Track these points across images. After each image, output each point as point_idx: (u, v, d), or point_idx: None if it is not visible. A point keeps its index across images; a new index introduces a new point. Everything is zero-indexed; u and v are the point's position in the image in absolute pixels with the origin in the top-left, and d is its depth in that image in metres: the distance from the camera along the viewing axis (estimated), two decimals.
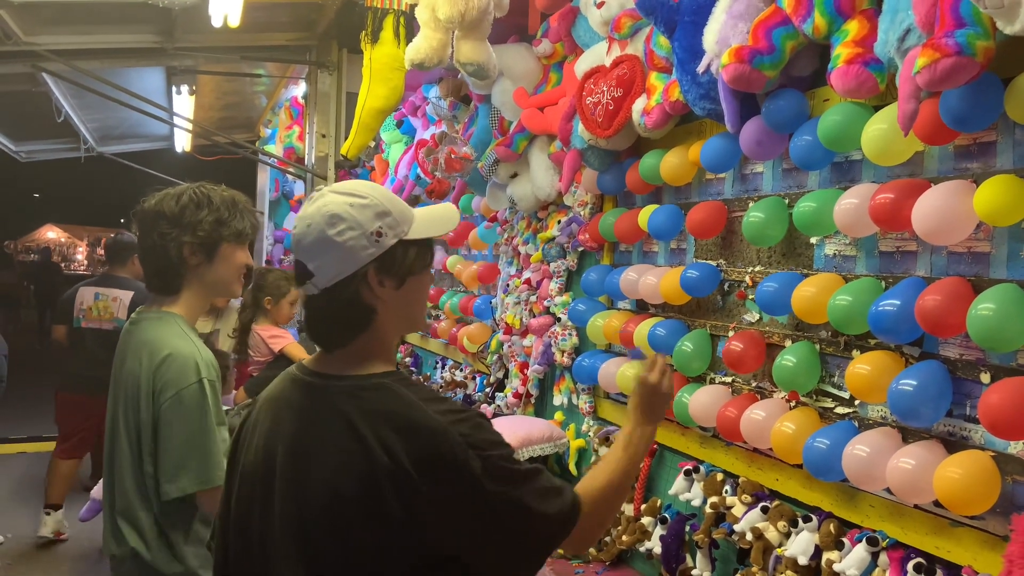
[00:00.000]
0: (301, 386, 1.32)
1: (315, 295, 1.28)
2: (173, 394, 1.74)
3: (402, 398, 1.23)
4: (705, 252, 2.44)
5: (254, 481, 1.30)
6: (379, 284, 1.27)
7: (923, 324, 1.55)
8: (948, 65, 1.36)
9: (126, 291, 4.63)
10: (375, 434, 1.19)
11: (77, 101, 5.08)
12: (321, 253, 1.24)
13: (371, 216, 1.26)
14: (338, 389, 1.27)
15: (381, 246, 1.26)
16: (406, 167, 4.76)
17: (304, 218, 1.27)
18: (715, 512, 2.19)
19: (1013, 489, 1.49)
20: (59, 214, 27.60)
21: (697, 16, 2.12)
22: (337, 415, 1.23)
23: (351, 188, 1.29)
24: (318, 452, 1.23)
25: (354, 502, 1.18)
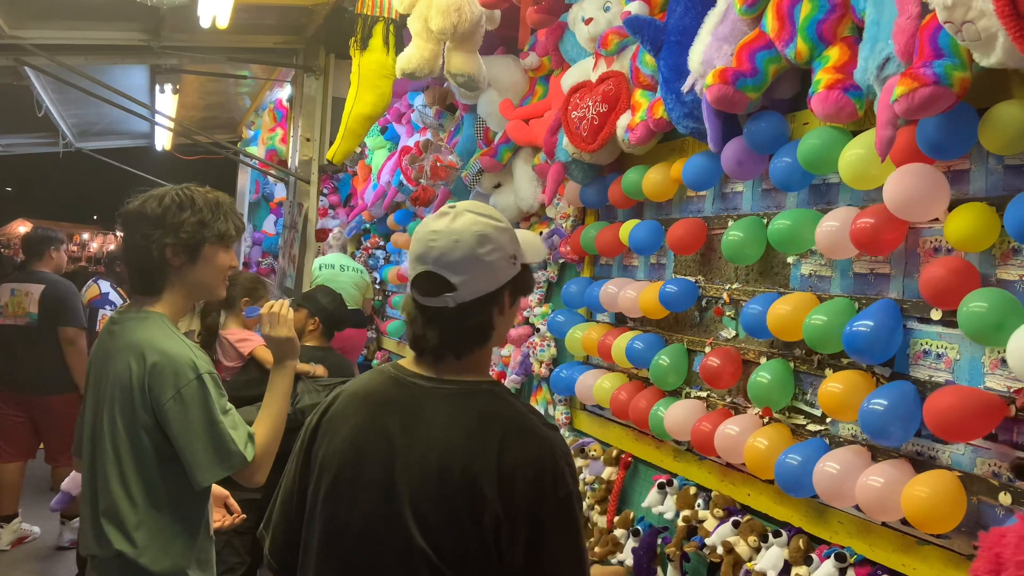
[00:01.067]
0: (406, 385, 1.38)
1: (447, 308, 1.33)
2: (173, 394, 1.75)
3: (512, 405, 1.34)
4: (684, 268, 2.47)
5: (345, 472, 1.34)
6: (507, 303, 1.37)
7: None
8: (925, 94, 1.40)
9: (38, 285, 4.61)
10: (490, 433, 1.28)
11: (58, 96, 5.02)
12: (468, 270, 1.31)
13: (509, 239, 1.36)
14: (450, 392, 1.35)
15: (515, 268, 1.37)
16: (389, 173, 4.77)
17: (449, 233, 1.32)
18: (687, 526, 2.21)
19: (979, 509, 1.53)
20: (32, 209, 27.19)
21: (683, 36, 2.16)
22: (453, 411, 1.31)
23: (487, 210, 1.38)
24: (441, 446, 1.28)
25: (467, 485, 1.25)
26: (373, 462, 1.32)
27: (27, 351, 4.56)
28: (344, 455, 1.35)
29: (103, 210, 26.89)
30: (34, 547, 4.68)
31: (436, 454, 1.28)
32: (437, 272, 1.32)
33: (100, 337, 1.93)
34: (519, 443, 1.27)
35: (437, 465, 1.27)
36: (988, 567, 1.05)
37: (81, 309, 4.76)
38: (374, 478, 1.31)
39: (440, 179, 3.70)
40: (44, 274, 4.69)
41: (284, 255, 4.86)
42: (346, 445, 1.35)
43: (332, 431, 1.39)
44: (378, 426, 1.34)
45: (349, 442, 1.35)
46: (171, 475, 1.79)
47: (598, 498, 2.69)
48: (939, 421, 1.48)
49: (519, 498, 1.24)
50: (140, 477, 1.78)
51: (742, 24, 2.00)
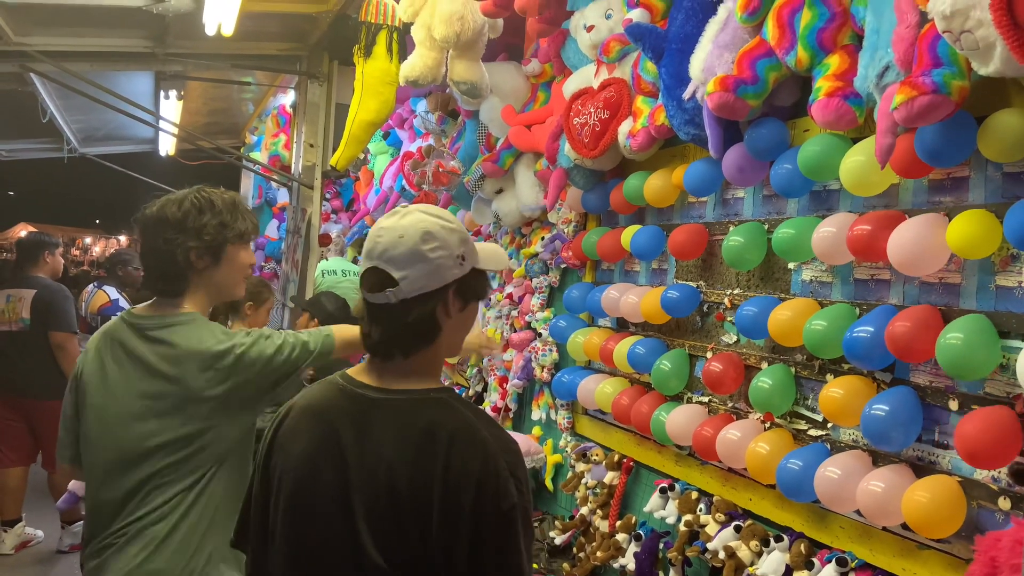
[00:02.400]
0: (355, 397, 1.36)
1: (390, 304, 1.33)
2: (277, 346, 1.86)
3: (460, 414, 1.32)
4: (686, 273, 2.48)
5: (302, 486, 1.34)
6: (453, 304, 1.36)
7: (892, 349, 1.60)
8: (924, 102, 1.41)
9: (30, 290, 4.62)
10: (437, 446, 1.26)
11: (63, 102, 5.05)
12: (411, 264, 1.31)
13: (458, 240, 1.35)
14: (397, 403, 1.33)
15: (463, 269, 1.36)
16: (391, 178, 4.79)
17: (394, 229, 1.33)
18: (689, 530, 2.22)
19: (978, 514, 1.54)
20: (34, 213, 27.23)
21: (684, 44, 2.17)
22: (400, 426, 1.30)
23: (439, 212, 1.39)
24: (390, 460, 1.28)
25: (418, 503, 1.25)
26: (327, 478, 1.31)
27: (21, 356, 4.57)
28: (299, 470, 1.34)
29: (106, 215, 26.95)
30: (37, 551, 4.70)
31: (385, 469, 1.27)
32: (381, 267, 1.33)
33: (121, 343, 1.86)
34: (464, 455, 1.26)
35: (387, 480, 1.27)
36: (984, 571, 1.06)
37: (73, 313, 4.74)
38: (329, 494, 1.30)
39: (442, 184, 3.72)
40: (37, 279, 4.70)
41: (287, 260, 4.87)
42: (301, 462, 1.35)
43: (286, 445, 1.38)
44: (331, 441, 1.33)
45: (303, 458, 1.35)
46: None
47: (600, 502, 2.70)
48: (974, 451, 1.46)
49: (464, 511, 1.23)
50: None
51: (743, 32, 2.01)
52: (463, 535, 1.23)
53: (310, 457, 1.34)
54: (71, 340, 4.66)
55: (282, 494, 1.36)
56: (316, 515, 1.31)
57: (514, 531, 1.25)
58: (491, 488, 1.24)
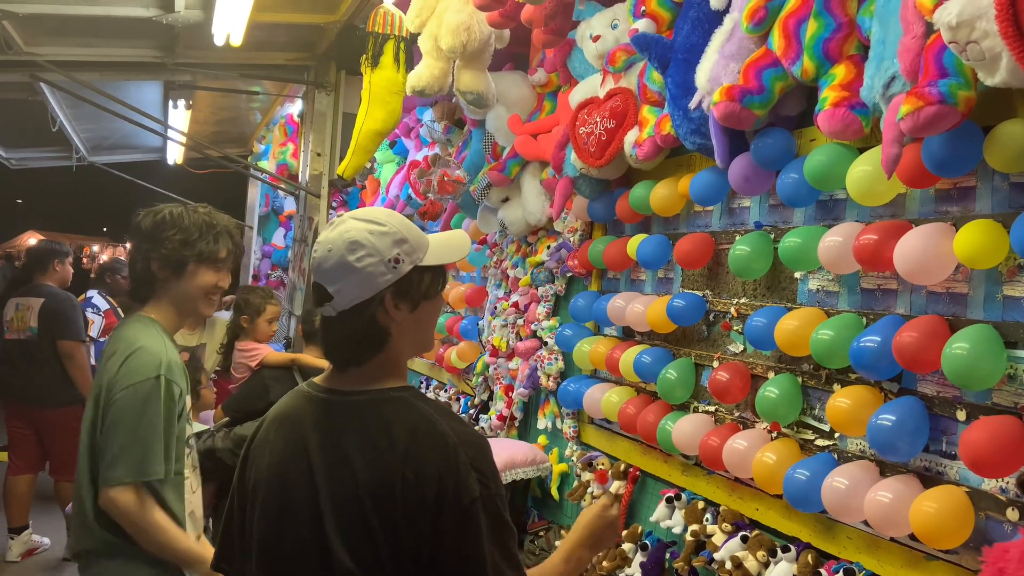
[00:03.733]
0: (317, 402, 1.38)
1: (332, 316, 1.33)
2: (128, 385, 1.83)
3: (419, 410, 1.32)
4: (692, 282, 2.48)
5: (273, 495, 1.34)
6: (395, 308, 1.33)
7: (899, 359, 1.60)
8: (931, 113, 1.42)
9: (38, 298, 4.65)
10: (397, 443, 1.27)
11: (72, 111, 5.09)
12: (341, 277, 1.30)
13: (389, 243, 1.32)
14: (358, 403, 1.34)
15: (398, 272, 1.32)
16: (397, 187, 4.81)
17: (325, 243, 1.33)
18: (695, 540, 2.21)
19: (986, 524, 1.53)
20: (42, 221, 27.39)
21: (690, 54, 2.18)
22: (361, 425, 1.31)
23: (371, 215, 1.35)
24: (353, 460, 1.28)
25: (383, 502, 1.25)
26: (296, 485, 1.32)
27: (29, 365, 4.60)
28: (270, 480, 1.35)
29: (113, 223, 27.07)
30: (44, 558, 4.70)
31: (349, 469, 1.28)
32: (318, 281, 1.33)
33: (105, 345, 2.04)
34: (424, 450, 1.26)
35: (351, 481, 1.27)
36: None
37: (80, 322, 4.77)
38: (299, 500, 1.31)
39: (448, 193, 3.73)
40: (45, 287, 4.72)
41: (294, 268, 4.89)
42: (271, 472, 1.36)
43: (258, 457, 1.40)
44: (297, 447, 1.34)
45: (273, 467, 1.36)
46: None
47: None
48: (978, 459, 1.45)
49: (426, 506, 1.23)
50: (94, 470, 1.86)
51: (749, 42, 2.02)
52: (426, 531, 1.23)
53: (278, 466, 1.35)
54: (79, 349, 4.68)
55: (256, 504, 1.37)
56: (287, 522, 1.32)
57: (476, 526, 1.24)
58: (451, 482, 1.24)
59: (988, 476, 1.50)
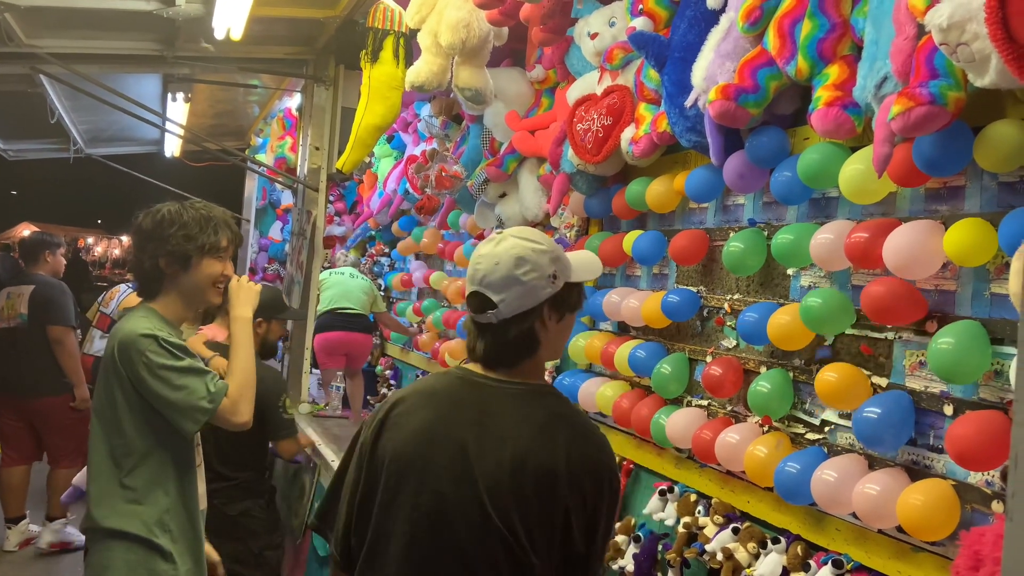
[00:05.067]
0: (472, 384, 1.53)
1: (494, 324, 1.49)
2: (140, 360, 1.94)
3: (573, 408, 1.57)
4: (686, 278, 2.51)
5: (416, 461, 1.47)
6: (549, 319, 1.52)
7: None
8: (921, 113, 1.44)
9: (28, 286, 4.66)
10: (557, 433, 1.46)
11: (71, 103, 5.09)
12: (507, 288, 1.47)
13: (548, 261, 1.50)
14: (517, 391, 1.51)
15: (555, 287, 1.50)
16: (395, 181, 4.83)
17: (491, 256, 1.48)
18: (687, 532, 2.24)
19: (972, 517, 1.56)
20: (37, 212, 27.29)
21: (686, 53, 2.21)
22: (522, 410, 1.47)
23: (530, 235, 1.53)
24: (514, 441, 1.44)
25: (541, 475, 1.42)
26: (444, 450, 1.45)
27: (19, 353, 4.58)
28: (413, 445, 1.48)
29: (108, 215, 27.01)
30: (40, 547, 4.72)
31: (509, 446, 1.43)
32: (482, 292, 1.48)
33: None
34: (584, 444, 1.47)
35: (510, 456, 1.42)
36: (968, 563, 1.09)
37: (71, 308, 4.76)
38: (446, 464, 1.44)
39: (445, 188, 3.75)
40: (36, 275, 4.73)
41: (292, 262, 4.91)
42: (416, 436, 1.48)
43: (399, 426, 1.52)
44: (448, 418, 1.48)
45: (419, 433, 1.48)
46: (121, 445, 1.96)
47: None
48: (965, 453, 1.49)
49: (586, 493, 1.43)
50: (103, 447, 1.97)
51: (744, 41, 2.05)
52: (584, 514, 1.43)
53: (425, 433, 1.48)
54: (69, 334, 4.67)
55: (393, 471, 1.48)
56: (430, 485, 1.45)
57: (617, 503, 1.55)
58: (607, 475, 1.49)
59: (973, 469, 1.54)
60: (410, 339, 4.97)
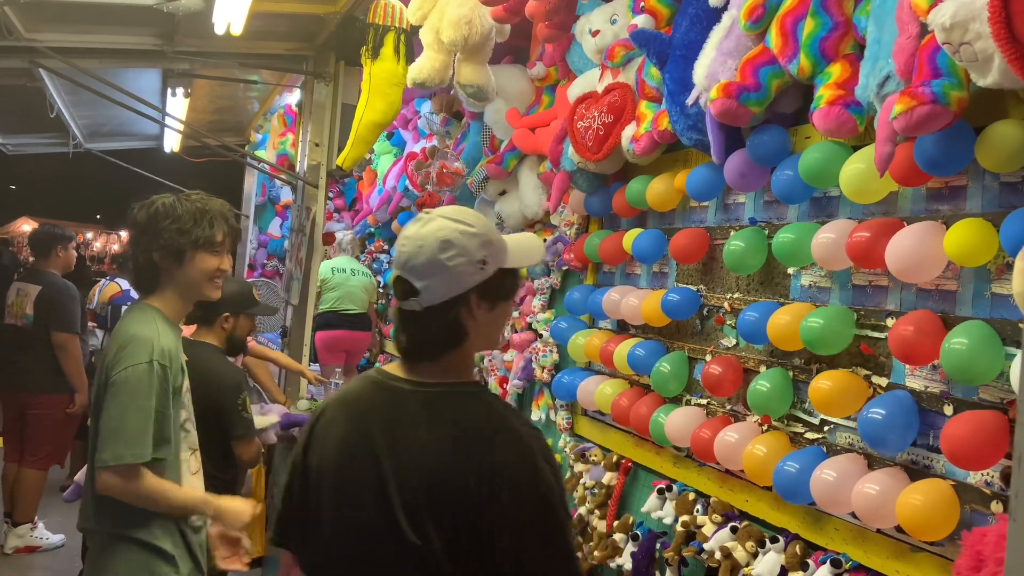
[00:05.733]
0: (386, 390, 1.41)
1: (415, 311, 1.36)
2: (122, 369, 1.87)
3: (491, 405, 1.39)
4: (686, 277, 2.51)
5: (338, 478, 1.39)
6: (477, 307, 1.37)
7: (895, 352, 1.63)
8: (923, 112, 1.44)
9: (36, 286, 4.61)
10: (472, 436, 1.32)
11: (71, 98, 5.08)
12: (431, 274, 1.34)
13: (478, 245, 1.36)
14: (432, 394, 1.38)
15: (485, 273, 1.36)
16: (394, 178, 4.82)
17: (415, 238, 1.36)
18: (686, 531, 2.24)
19: (971, 517, 1.56)
20: (36, 207, 27.24)
21: (688, 51, 2.20)
22: (434, 416, 1.35)
23: (460, 215, 1.38)
24: (425, 449, 1.32)
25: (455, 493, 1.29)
26: (360, 466, 1.36)
27: (23, 352, 4.56)
28: (334, 462, 1.39)
29: (107, 210, 26.96)
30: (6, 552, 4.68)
31: (422, 458, 1.31)
32: (404, 276, 1.36)
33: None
34: (500, 446, 1.31)
35: (424, 469, 1.31)
36: (970, 564, 1.09)
37: (77, 313, 4.67)
38: (363, 481, 1.35)
39: (446, 185, 3.75)
40: (46, 275, 4.67)
41: (291, 258, 4.90)
42: (335, 452, 1.40)
43: (322, 439, 1.43)
44: (363, 431, 1.38)
45: (337, 449, 1.40)
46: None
47: (598, 502, 2.72)
48: (958, 452, 1.49)
49: (503, 500, 1.27)
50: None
51: (746, 39, 2.04)
52: (504, 525, 1.27)
53: (342, 449, 1.39)
54: (73, 341, 4.62)
55: (320, 487, 1.41)
56: (351, 504, 1.36)
57: (555, 514, 1.30)
58: (530, 477, 1.29)
59: (967, 469, 1.54)
60: None
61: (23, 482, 4.55)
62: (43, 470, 4.61)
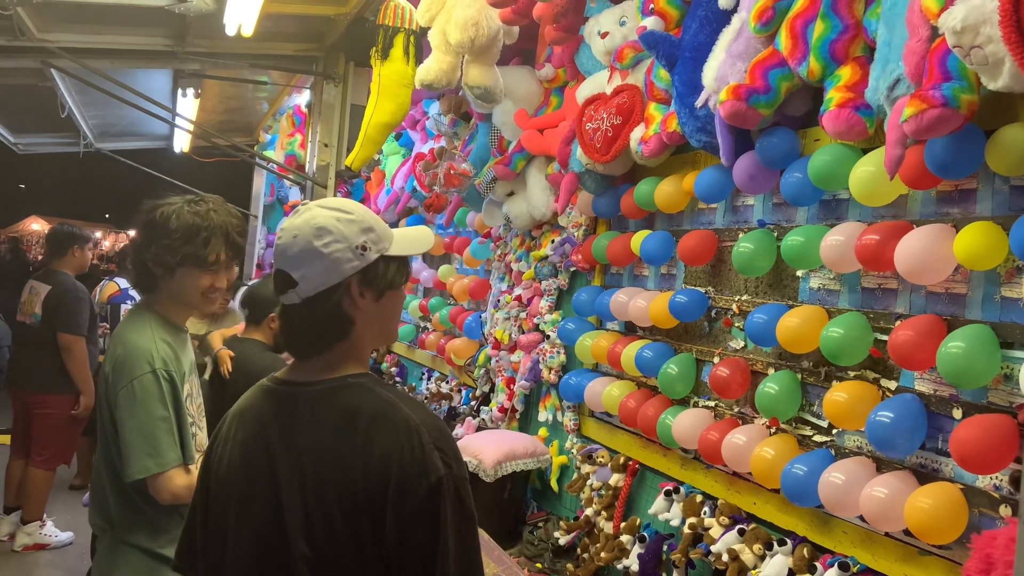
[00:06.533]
0: (276, 394, 1.36)
1: (296, 304, 1.32)
2: (126, 384, 1.84)
3: (378, 395, 1.29)
4: (694, 279, 2.51)
5: (232, 489, 1.34)
6: (360, 296, 1.32)
7: (895, 357, 1.63)
8: (934, 116, 1.44)
9: (46, 286, 4.63)
10: (356, 429, 1.25)
11: (81, 97, 5.11)
12: (306, 263, 1.29)
13: (357, 231, 1.31)
14: (316, 392, 1.31)
15: (365, 259, 1.31)
16: (403, 179, 4.83)
17: (290, 229, 1.31)
18: (693, 533, 2.24)
19: (980, 521, 1.56)
20: (45, 206, 27.39)
21: (697, 53, 2.20)
22: (320, 414, 1.29)
23: (337, 204, 1.34)
24: (312, 449, 1.27)
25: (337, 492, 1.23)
26: (258, 480, 1.31)
27: (30, 351, 4.59)
28: (231, 477, 1.35)
29: (116, 209, 27.08)
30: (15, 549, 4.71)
31: (309, 459, 1.27)
32: (282, 268, 1.32)
33: None
34: (384, 434, 1.24)
35: (312, 470, 1.26)
36: (979, 566, 1.09)
37: (84, 315, 4.66)
38: (261, 496, 1.30)
39: (453, 186, 3.75)
40: (58, 275, 4.68)
41: None
42: (233, 468, 1.35)
43: (220, 452, 1.39)
44: (258, 442, 1.33)
45: (235, 464, 1.35)
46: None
47: (605, 504, 2.72)
48: (967, 456, 1.48)
49: (390, 490, 1.21)
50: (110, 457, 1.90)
51: (756, 42, 2.04)
52: (390, 514, 1.21)
53: (242, 460, 1.35)
54: (79, 343, 4.62)
55: (221, 502, 1.36)
56: (249, 519, 1.31)
57: (440, 503, 1.22)
58: (415, 463, 1.22)
59: (976, 472, 1.54)
60: (415, 337, 4.99)
61: (31, 481, 4.57)
62: (50, 470, 4.64)
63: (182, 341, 2.03)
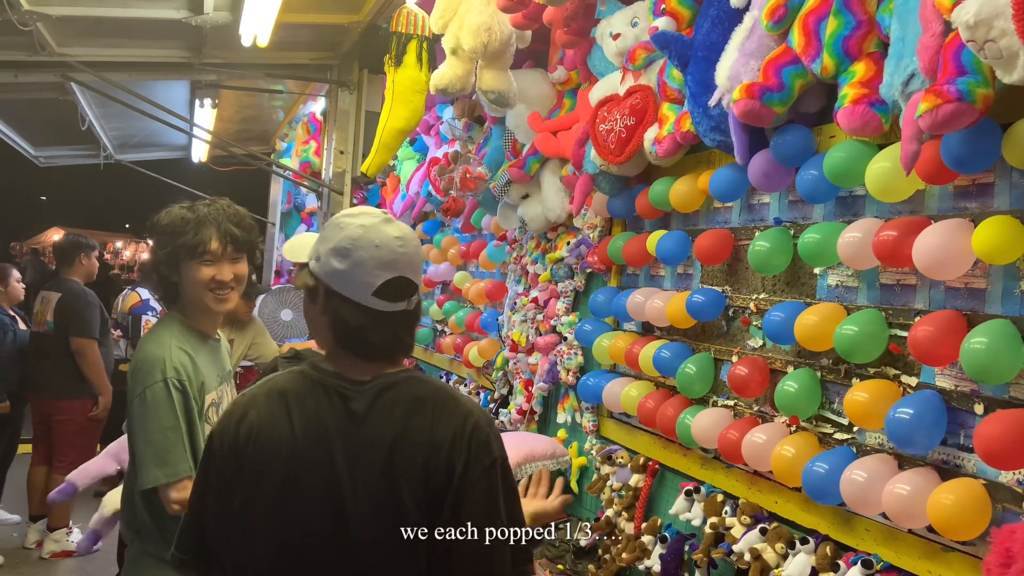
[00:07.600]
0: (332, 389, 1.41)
1: (402, 310, 1.41)
2: (138, 394, 1.86)
3: (433, 384, 1.45)
4: (711, 278, 2.51)
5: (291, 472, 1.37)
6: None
7: (915, 353, 1.62)
8: (949, 110, 1.43)
9: (56, 293, 4.68)
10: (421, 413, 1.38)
11: (101, 110, 5.19)
12: (419, 270, 1.45)
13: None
14: (376, 388, 1.41)
15: None
16: (418, 184, 4.86)
17: (408, 238, 1.41)
18: (714, 532, 2.24)
19: (1003, 516, 1.55)
20: (67, 218, 27.74)
21: (710, 52, 2.20)
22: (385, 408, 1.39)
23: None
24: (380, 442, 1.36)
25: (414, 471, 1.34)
26: (315, 469, 1.35)
27: (46, 359, 4.66)
28: (282, 465, 1.36)
29: (136, 219, 27.35)
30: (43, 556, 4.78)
31: (377, 452, 1.35)
32: (408, 277, 1.40)
33: None
34: (447, 419, 1.37)
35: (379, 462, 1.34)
36: (999, 560, 1.09)
37: (95, 319, 4.72)
38: (319, 477, 1.35)
39: (469, 190, 3.77)
40: (67, 282, 4.76)
41: None
42: (283, 456, 1.36)
43: (262, 438, 1.37)
44: (314, 434, 1.36)
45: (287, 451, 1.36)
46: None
47: (625, 504, 2.73)
48: (991, 452, 1.48)
49: (455, 468, 1.33)
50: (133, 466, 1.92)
51: (769, 40, 2.04)
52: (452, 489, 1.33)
53: (294, 450, 1.36)
54: (92, 347, 4.68)
55: (264, 482, 1.36)
56: (306, 496, 1.35)
57: (497, 482, 1.36)
58: (475, 444, 1.36)
59: (1002, 468, 1.52)
60: (432, 340, 5.01)
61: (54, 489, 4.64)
62: None
63: (209, 349, 2.01)
